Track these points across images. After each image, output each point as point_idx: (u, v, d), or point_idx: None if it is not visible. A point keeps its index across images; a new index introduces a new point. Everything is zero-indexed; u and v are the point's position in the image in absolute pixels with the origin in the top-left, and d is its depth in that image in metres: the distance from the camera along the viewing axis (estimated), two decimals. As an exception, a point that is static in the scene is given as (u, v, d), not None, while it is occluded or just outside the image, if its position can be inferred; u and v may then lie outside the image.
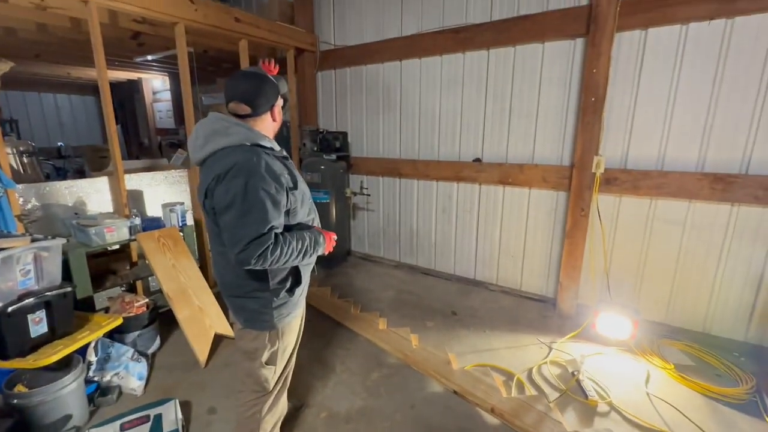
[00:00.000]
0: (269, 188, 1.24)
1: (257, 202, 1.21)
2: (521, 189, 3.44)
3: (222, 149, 1.27)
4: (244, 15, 3.64)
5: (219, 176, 1.23)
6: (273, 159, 1.31)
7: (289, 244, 1.29)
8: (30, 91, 7.28)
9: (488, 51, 3.40)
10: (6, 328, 1.88)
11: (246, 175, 1.21)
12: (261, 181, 1.22)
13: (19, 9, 2.83)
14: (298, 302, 1.54)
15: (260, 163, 1.24)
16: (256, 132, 1.32)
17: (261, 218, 1.22)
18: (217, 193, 1.24)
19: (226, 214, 1.23)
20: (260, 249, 1.21)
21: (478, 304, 3.48)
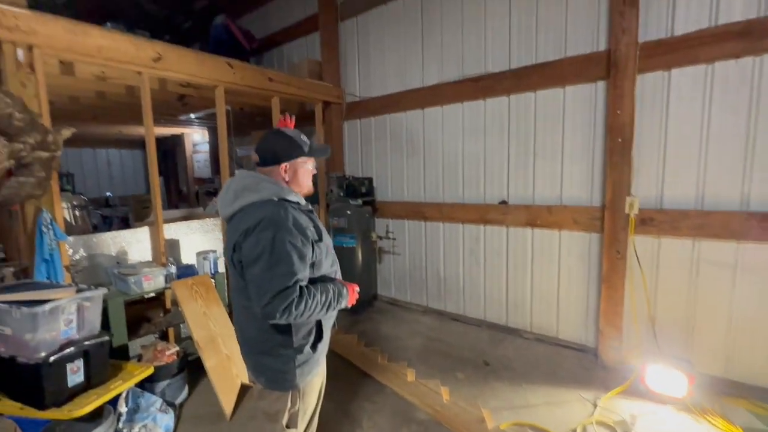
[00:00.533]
0: (296, 241, 1.27)
1: (284, 255, 1.24)
2: (551, 231, 3.35)
3: (250, 204, 1.32)
4: (276, 75, 3.95)
5: (248, 230, 1.27)
6: (299, 213, 1.35)
7: (313, 297, 1.29)
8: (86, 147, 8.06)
9: (508, 97, 3.48)
10: (46, 377, 1.94)
11: (274, 229, 1.25)
12: (288, 234, 1.26)
13: (84, 81, 3.22)
14: (320, 360, 1.52)
15: (288, 217, 1.28)
16: (283, 187, 1.37)
17: (287, 271, 1.24)
18: (245, 246, 1.27)
19: (253, 267, 1.25)
20: (285, 302, 1.22)
21: (511, 354, 3.29)
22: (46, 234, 2.44)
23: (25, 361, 1.91)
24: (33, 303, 1.92)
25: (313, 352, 1.43)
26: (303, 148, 1.41)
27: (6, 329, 1.93)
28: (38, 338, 1.92)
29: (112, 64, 2.80)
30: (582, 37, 3.03)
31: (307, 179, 1.46)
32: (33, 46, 2.40)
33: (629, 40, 2.72)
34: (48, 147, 2.37)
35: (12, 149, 2.26)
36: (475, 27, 3.61)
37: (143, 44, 2.89)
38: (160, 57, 2.99)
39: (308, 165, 1.46)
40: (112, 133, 6.92)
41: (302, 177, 1.44)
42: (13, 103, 2.20)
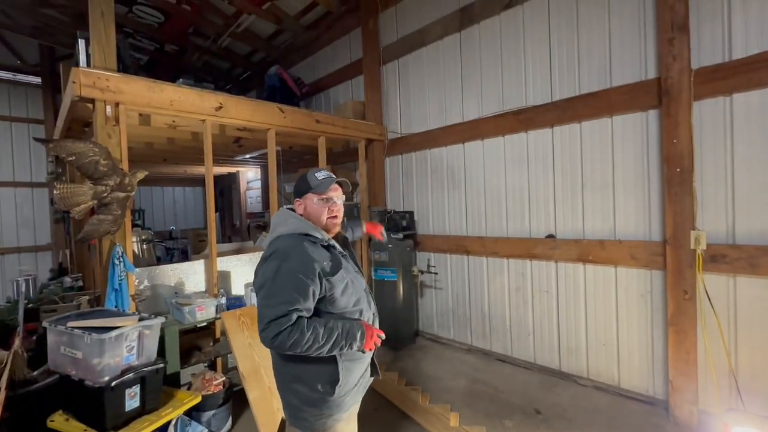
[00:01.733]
0: (299, 272, 1.31)
1: (284, 284, 1.30)
2: (605, 267, 3.12)
3: (276, 237, 1.43)
4: (323, 116, 4.21)
5: (262, 259, 1.40)
6: (316, 247, 1.40)
7: (312, 330, 1.29)
8: (155, 186, 8.98)
9: (552, 129, 3.41)
10: (108, 401, 2.08)
11: (280, 260, 1.33)
12: (293, 265, 1.32)
13: (158, 129, 3.65)
14: (342, 404, 1.44)
15: (297, 248, 1.35)
16: (307, 223, 1.45)
17: (284, 300, 1.28)
18: (257, 275, 1.40)
19: (258, 295, 1.35)
20: (278, 329, 1.25)
21: (566, 402, 3.01)
22: (118, 266, 2.71)
23: (91, 385, 2.07)
24: (101, 330, 2.11)
25: (329, 394, 1.38)
26: (309, 183, 1.49)
27: (78, 353, 2.12)
28: (104, 363, 2.08)
29: (182, 114, 3.16)
30: (628, 65, 2.95)
31: (317, 213, 1.48)
32: (119, 102, 2.79)
33: (681, 66, 2.60)
34: (125, 188, 2.68)
35: (96, 191, 2.59)
36: (515, 61, 3.64)
37: (207, 96, 3.24)
38: (221, 106, 3.33)
39: (315, 200, 1.48)
40: (177, 172, 7.67)
41: (312, 211, 1.49)
42: (100, 152, 2.54)
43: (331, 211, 1.50)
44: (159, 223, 8.82)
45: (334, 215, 1.51)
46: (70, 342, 2.16)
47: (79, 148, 2.47)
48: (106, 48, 2.88)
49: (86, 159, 2.51)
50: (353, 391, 1.48)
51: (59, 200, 2.49)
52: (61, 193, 2.48)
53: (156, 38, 6.33)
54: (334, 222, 1.52)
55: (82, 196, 2.55)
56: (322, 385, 1.39)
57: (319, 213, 1.49)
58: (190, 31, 6.08)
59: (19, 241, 6.93)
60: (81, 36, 2.95)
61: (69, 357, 2.16)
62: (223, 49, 6.56)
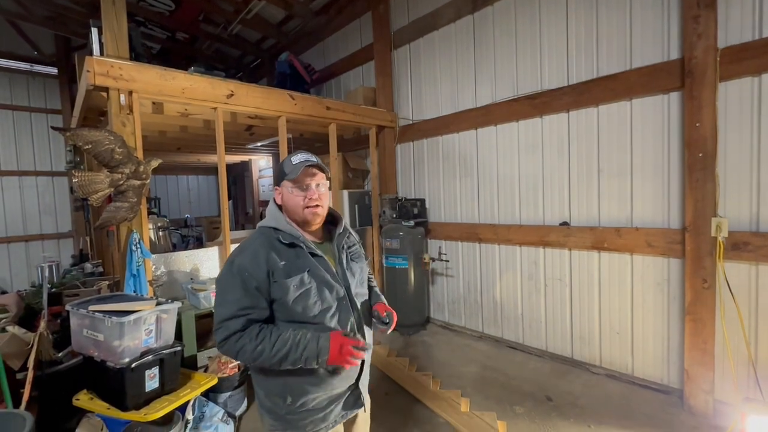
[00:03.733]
0: (246, 269, 1.20)
1: (234, 282, 1.20)
2: (621, 255, 3.06)
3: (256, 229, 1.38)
4: (333, 103, 4.18)
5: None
6: (278, 244, 1.25)
7: (262, 339, 1.16)
8: (170, 174, 9.12)
9: (568, 113, 3.32)
10: (128, 381, 2.16)
11: (235, 254, 1.26)
12: (244, 260, 1.22)
13: (170, 118, 3.68)
14: (296, 425, 1.27)
15: (255, 242, 1.27)
16: (276, 215, 1.33)
17: (233, 299, 1.19)
18: None
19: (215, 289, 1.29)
20: (226, 333, 1.18)
21: (578, 390, 3.00)
22: (135, 252, 2.77)
23: (112, 366, 2.15)
24: (121, 313, 2.18)
25: (279, 408, 1.27)
26: (284, 169, 1.31)
27: (99, 336, 2.20)
28: (124, 345, 2.15)
29: (193, 102, 3.17)
30: (650, 46, 2.83)
31: (293, 203, 1.29)
32: (133, 91, 2.82)
33: (707, 45, 2.48)
34: (140, 176, 2.73)
35: (112, 179, 2.63)
36: (530, 43, 3.53)
37: (218, 83, 3.25)
38: (232, 93, 3.33)
39: (289, 188, 1.30)
40: (191, 161, 7.76)
41: (287, 201, 1.31)
42: (115, 140, 2.58)
43: (309, 199, 1.27)
44: (174, 211, 8.99)
45: (314, 204, 1.28)
46: (91, 325, 2.24)
47: (95, 137, 2.52)
48: (119, 36, 2.90)
49: (102, 147, 2.55)
50: (315, 417, 1.27)
51: (77, 188, 2.55)
52: (80, 180, 2.54)
53: (167, 26, 6.34)
54: (315, 211, 1.29)
55: (100, 184, 2.60)
56: (273, 395, 1.29)
57: (295, 203, 1.29)
58: (201, 19, 6.07)
59: (42, 229, 7.16)
60: (94, 25, 2.96)
61: (91, 339, 2.25)
62: (234, 36, 6.54)
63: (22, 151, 6.97)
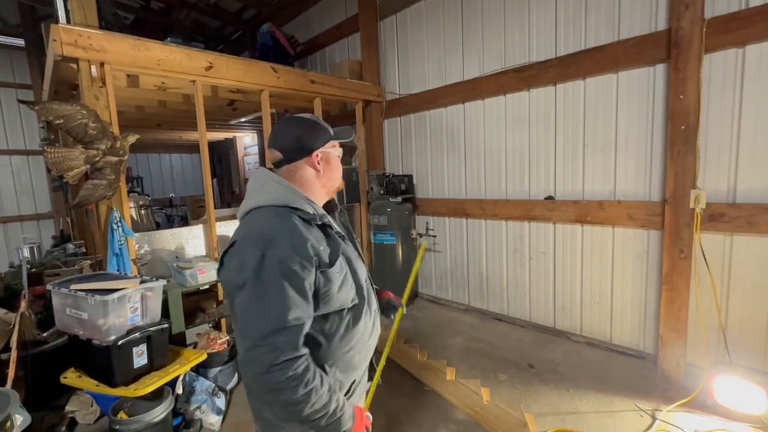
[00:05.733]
0: (292, 263, 0.93)
1: (275, 281, 0.92)
2: (603, 228, 3.12)
3: (253, 210, 1.04)
4: (317, 76, 4.06)
5: (236, 242, 0.99)
6: (308, 227, 1.01)
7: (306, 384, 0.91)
8: (152, 152, 8.86)
9: (555, 86, 3.29)
10: (116, 359, 2.16)
11: (263, 246, 0.94)
12: (282, 251, 0.93)
13: (147, 92, 3.54)
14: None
15: (285, 227, 0.97)
16: (295, 192, 1.06)
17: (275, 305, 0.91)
18: (228, 267, 0.99)
19: (237, 296, 0.95)
20: (274, 355, 0.89)
21: (559, 357, 3.12)
22: (116, 231, 2.72)
23: (98, 344, 2.14)
24: (104, 292, 2.15)
25: None
26: (329, 130, 1.13)
27: (83, 314, 2.18)
28: (109, 323, 2.14)
29: (170, 75, 3.04)
30: (638, 17, 2.79)
31: (338, 170, 1.17)
32: (104, 62, 2.68)
33: (694, 16, 2.46)
34: (117, 152, 2.64)
35: (88, 155, 2.54)
36: (519, 14, 3.45)
37: (196, 55, 3.11)
38: (211, 66, 3.20)
39: (338, 151, 1.17)
40: (173, 138, 7.53)
41: (336, 167, 1.16)
42: (88, 114, 2.48)
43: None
44: (158, 190, 8.79)
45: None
46: (74, 304, 2.21)
47: (67, 111, 2.40)
48: (86, 3, 2.73)
49: (75, 122, 2.44)
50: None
51: (51, 165, 2.46)
52: (52, 157, 2.44)
53: (140, -6, 5.99)
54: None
55: (74, 161, 2.51)
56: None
57: (339, 170, 1.15)
58: (176, -14, 5.74)
59: (20, 210, 6.94)
60: (58, -10, 2.77)
61: (75, 318, 2.23)
62: (212, 6, 6.22)
63: None
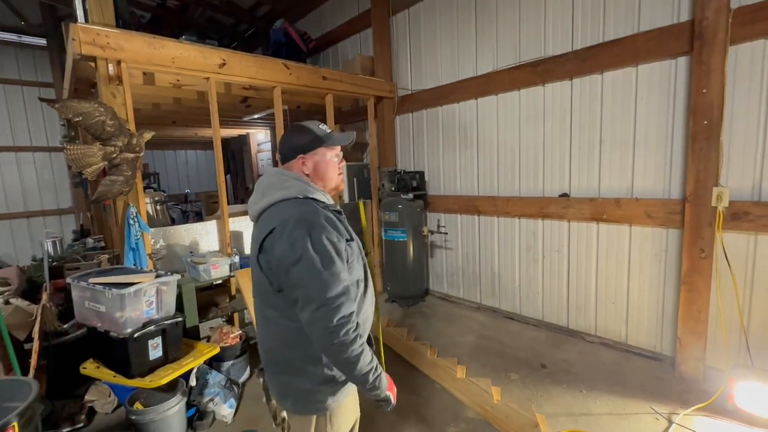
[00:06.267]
0: (333, 238, 1.14)
1: (326, 253, 1.10)
2: (619, 226, 3.04)
3: (277, 203, 1.20)
4: (329, 73, 4.06)
5: (276, 228, 1.13)
6: (328, 211, 1.22)
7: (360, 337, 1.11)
8: (168, 149, 9.03)
9: (571, 81, 3.21)
10: (132, 351, 2.21)
11: (308, 227, 1.11)
12: (323, 230, 1.13)
13: (163, 89, 3.59)
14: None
15: (318, 213, 1.16)
16: (309, 184, 1.25)
17: (339, 268, 1.11)
18: (278, 248, 1.12)
19: (294, 269, 1.10)
20: (348, 310, 1.09)
21: (573, 357, 3.07)
22: (133, 226, 2.78)
23: (116, 336, 2.20)
24: (121, 285, 2.20)
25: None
26: (320, 137, 1.27)
27: (101, 307, 2.24)
28: (126, 316, 2.19)
29: (185, 72, 3.08)
30: (659, 7, 2.69)
31: (329, 171, 1.30)
32: (121, 60, 2.73)
33: (719, 5, 2.36)
34: (133, 149, 2.69)
35: (105, 152, 2.60)
36: (534, 7, 3.37)
37: (209, 52, 3.14)
38: (224, 63, 3.23)
39: (328, 155, 1.29)
40: (189, 135, 7.65)
41: (323, 170, 1.29)
42: (105, 112, 2.53)
43: (340, 167, 1.34)
44: (174, 186, 8.96)
45: (340, 172, 1.35)
46: (93, 297, 2.27)
47: (85, 108, 2.46)
48: (103, 3, 2.78)
49: (93, 119, 2.50)
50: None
51: (71, 161, 2.52)
52: (71, 154, 2.51)
53: (156, -8, 6.08)
54: (342, 178, 1.36)
55: (93, 157, 2.57)
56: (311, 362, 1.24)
57: (333, 169, 1.31)
58: (191, -17, 5.80)
59: (42, 205, 7.17)
60: (76, -10, 2.83)
61: (93, 311, 2.29)
62: (226, 3, 6.28)
63: (16, 127, 6.87)
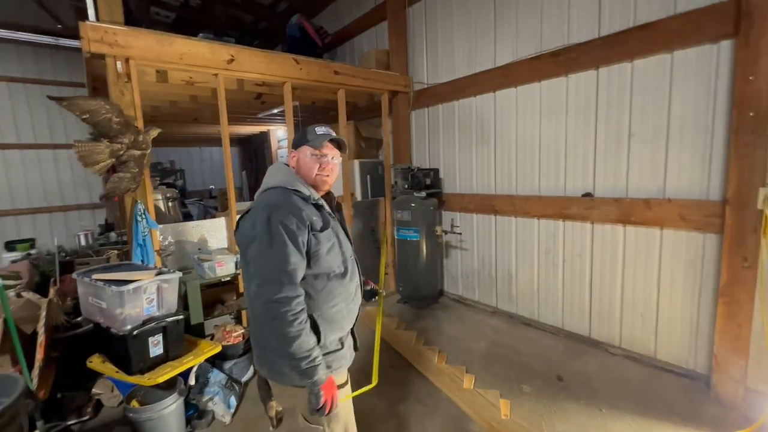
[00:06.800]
0: (290, 223, 1.26)
1: (275, 236, 1.24)
2: (649, 229, 2.77)
3: (265, 191, 1.40)
4: (341, 67, 3.96)
5: (250, 211, 1.33)
6: (303, 203, 1.34)
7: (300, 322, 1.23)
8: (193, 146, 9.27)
9: (597, 70, 2.95)
10: (132, 347, 2.22)
11: (269, 210, 1.27)
12: (282, 214, 1.26)
13: (177, 87, 3.61)
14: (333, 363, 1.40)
15: (286, 201, 1.31)
16: (295, 177, 1.41)
17: (278, 253, 1.23)
18: (242, 226, 1.33)
19: (251, 246, 1.27)
20: (278, 289, 1.21)
21: (593, 371, 2.84)
22: (140, 222, 2.80)
23: (116, 332, 2.21)
24: (121, 282, 2.21)
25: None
26: (307, 136, 1.44)
27: (103, 303, 2.25)
28: (126, 313, 2.19)
29: (193, 69, 3.07)
30: (699, -15, 2.40)
31: (308, 167, 1.43)
32: (129, 58, 2.74)
33: (771, -20, 2.06)
34: (139, 146, 2.70)
35: (112, 149, 2.62)
36: (558, -8, 3.12)
37: (217, 48, 3.11)
38: (233, 59, 3.19)
39: (308, 154, 1.43)
40: (211, 132, 7.81)
41: (302, 164, 1.44)
42: (112, 109, 2.54)
43: (322, 168, 1.44)
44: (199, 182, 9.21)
45: (326, 174, 1.45)
46: (95, 293, 2.29)
47: (92, 106, 2.48)
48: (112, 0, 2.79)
49: (99, 117, 2.52)
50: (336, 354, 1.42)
51: (79, 158, 2.56)
52: (80, 151, 2.54)
53: (179, -9, 6.19)
54: (324, 180, 1.45)
55: (100, 155, 2.59)
56: None
57: (310, 167, 1.43)
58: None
59: (78, 199, 7.54)
60: (88, -12, 2.87)
61: (96, 307, 2.31)
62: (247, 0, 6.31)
63: (54, 125, 7.24)
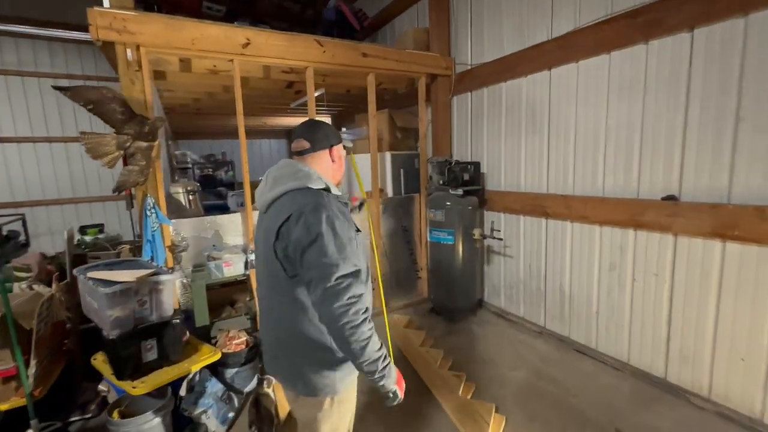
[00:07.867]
0: (344, 224, 1.22)
1: (339, 237, 1.17)
2: (762, 248, 2.02)
3: (288, 192, 1.27)
4: (371, 48, 3.56)
5: (292, 214, 1.19)
6: (338, 202, 1.29)
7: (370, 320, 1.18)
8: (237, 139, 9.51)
9: (691, 32, 2.21)
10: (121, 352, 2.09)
11: (323, 213, 1.18)
12: (336, 217, 1.21)
13: (199, 75, 3.49)
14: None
15: (331, 202, 1.25)
16: (321, 176, 1.32)
17: (351, 252, 1.18)
18: (295, 233, 1.18)
19: (309, 251, 1.15)
20: (354, 291, 1.13)
21: (668, 427, 2.18)
22: (150, 217, 2.70)
23: (106, 335, 2.10)
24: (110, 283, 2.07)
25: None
26: (339, 135, 1.43)
27: (95, 303, 2.15)
28: (115, 315, 2.06)
29: (207, 55, 2.90)
30: None
31: (341, 168, 1.46)
32: (140, 45, 2.62)
33: None
34: (145, 137, 2.57)
35: (119, 140, 2.52)
36: (638, -66, 2.41)
37: (231, 31, 2.90)
38: (248, 42, 2.96)
39: (342, 152, 1.45)
40: (258, 124, 7.90)
41: (341, 164, 1.45)
42: (115, 99, 2.43)
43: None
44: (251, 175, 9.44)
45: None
46: (90, 291, 2.19)
47: (95, 95, 2.39)
48: (122, -17, 2.68)
49: (104, 107, 2.43)
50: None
51: (87, 151, 2.49)
52: (87, 143, 2.47)
53: (225, -17, 6.21)
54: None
55: (107, 146, 2.51)
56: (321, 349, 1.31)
57: (342, 168, 1.46)
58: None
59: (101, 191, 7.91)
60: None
61: (91, 306, 2.22)
62: (291, -12, 6.16)
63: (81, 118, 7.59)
